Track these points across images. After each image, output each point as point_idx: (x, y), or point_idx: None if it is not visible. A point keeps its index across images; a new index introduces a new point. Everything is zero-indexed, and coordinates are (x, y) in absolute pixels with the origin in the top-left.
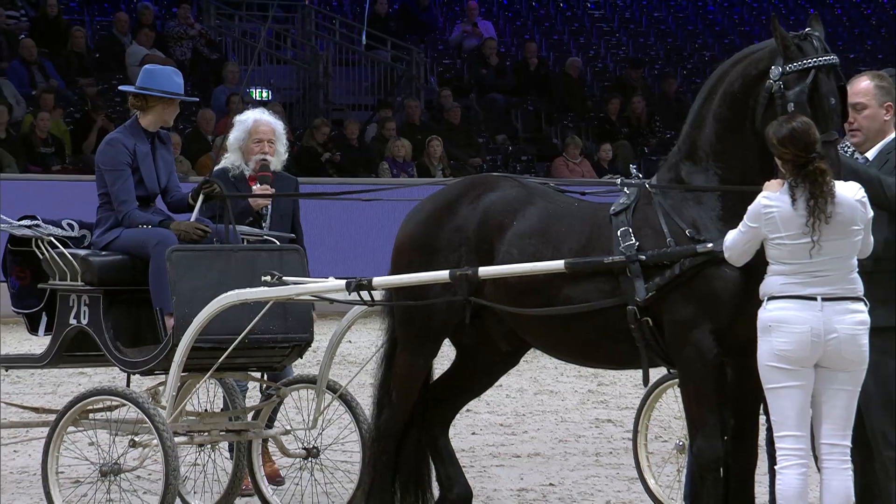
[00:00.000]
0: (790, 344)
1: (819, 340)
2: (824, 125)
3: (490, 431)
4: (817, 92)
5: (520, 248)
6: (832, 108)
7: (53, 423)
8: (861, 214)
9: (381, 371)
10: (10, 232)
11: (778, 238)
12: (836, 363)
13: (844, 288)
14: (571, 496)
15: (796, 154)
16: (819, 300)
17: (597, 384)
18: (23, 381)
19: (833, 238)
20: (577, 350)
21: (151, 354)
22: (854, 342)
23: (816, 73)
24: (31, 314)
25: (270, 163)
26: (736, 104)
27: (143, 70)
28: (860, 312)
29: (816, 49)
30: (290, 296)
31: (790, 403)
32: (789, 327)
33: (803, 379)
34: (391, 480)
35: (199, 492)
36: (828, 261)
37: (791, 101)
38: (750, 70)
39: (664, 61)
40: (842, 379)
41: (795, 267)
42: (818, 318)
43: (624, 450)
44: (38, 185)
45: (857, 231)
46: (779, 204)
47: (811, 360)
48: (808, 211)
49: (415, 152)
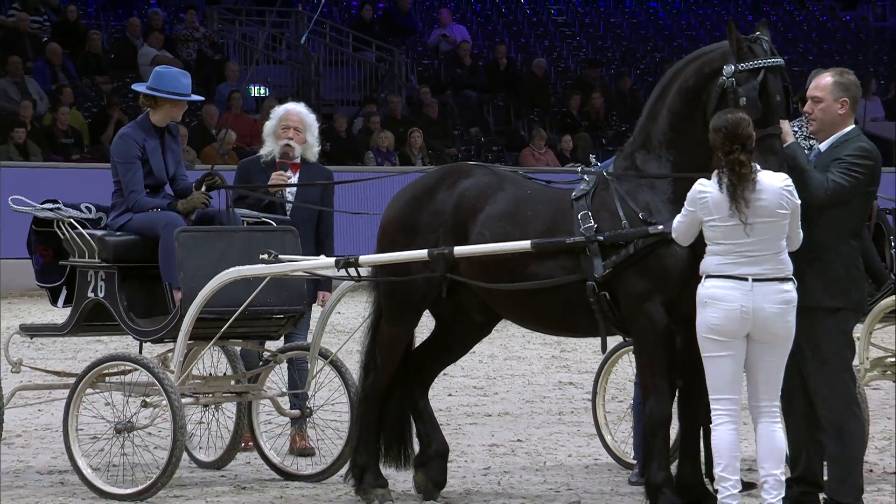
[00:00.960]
0: (722, 319)
1: (748, 317)
2: (771, 119)
3: (464, 393)
4: (766, 90)
5: (491, 229)
6: (778, 105)
7: (73, 385)
8: (787, 201)
9: (368, 339)
10: (34, 214)
11: (711, 220)
12: (765, 337)
13: (774, 269)
14: (537, 450)
15: (723, 143)
16: (750, 280)
17: (560, 351)
18: (46, 347)
19: (759, 221)
20: (542, 320)
21: (161, 324)
22: (781, 319)
23: (766, 73)
24: (53, 288)
25: (295, 149)
26: (689, 98)
27: (154, 72)
28: (788, 292)
29: (766, 51)
30: (284, 272)
31: (723, 370)
32: (722, 304)
33: (734, 349)
34: (376, 437)
35: (203, 447)
36: (757, 242)
37: (743, 97)
38: (704, 68)
39: (620, 62)
40: (770, 351)
41: (728, 247)
42: (748, 297)
43: (584, 409)
44: (59, 172)
45: (783, 216)
46: (710, 190)
47: (741, 333)
48: (730, 196)
49: (397, 143)
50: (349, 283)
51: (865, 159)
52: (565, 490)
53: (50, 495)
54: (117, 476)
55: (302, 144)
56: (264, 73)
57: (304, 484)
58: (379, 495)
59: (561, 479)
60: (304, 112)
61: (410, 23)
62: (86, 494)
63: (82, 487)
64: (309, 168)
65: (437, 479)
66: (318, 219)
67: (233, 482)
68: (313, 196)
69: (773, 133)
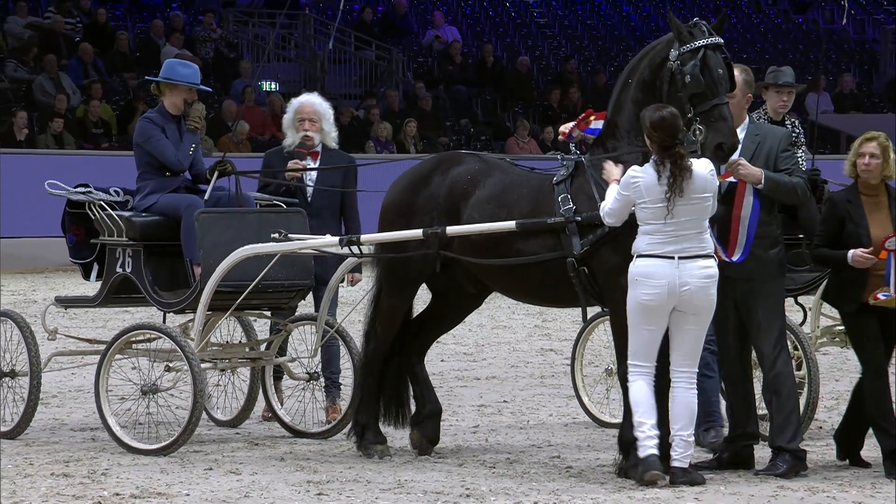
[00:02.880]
0: (650, 295)
1: (675, 292)
2: (715, 90)
3: (455, 359)
4: (707, 65)
5: (481, 211)
6: (720, 77)
7: (103, 351)
8: (710, 185)
9: (369, 310)
10: (67, 197)
11: (642, 203)
12: (689, 308)
13: (697, 247)
14: (521, 410)
15: (663, 138)
16: (676, 258)
17: (542, 320)
18: (78, 317)
19: (686, 204)
20: (527, 292)
21: (183, 296)
22: (703, 292)
23: (705, 51)
24: (85, 264)
25: (313, 139)
26: (647, 89)
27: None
28: (710, 268)
29: (704, 32)
30: (294, 249)
31: (645, 340)
32: (651, 281)
33: (658, 323)
34: (376, 399)
35: (221, 407)
36: (682, 223)
37: (687, 74)
38: (655, 59)
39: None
40: (692, 321)
41: (656, 227)
42: (674, 274)
43: (563, 373)
44: (90, 159)
45: (707, 198)
46: (644, 175)
47: (667, 307)
48: (669, 185)
49: (394, 133)
50: (353, 259)
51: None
52: (546, 446)
53: (82, 450)
54: (143, 433)
55: (318, 133)
56: (274, 70)
57: (311, 440)
58: (378, 451)
59: (542, 437)
60: (317, 102)
61: (406, 24)
62: (115, 449)
63: (111, 443)
64: (330, 154)
65: (431, 437)
66: (341, 203)
67: (247, 439)
68: (334, 181)
69: (719, 103)
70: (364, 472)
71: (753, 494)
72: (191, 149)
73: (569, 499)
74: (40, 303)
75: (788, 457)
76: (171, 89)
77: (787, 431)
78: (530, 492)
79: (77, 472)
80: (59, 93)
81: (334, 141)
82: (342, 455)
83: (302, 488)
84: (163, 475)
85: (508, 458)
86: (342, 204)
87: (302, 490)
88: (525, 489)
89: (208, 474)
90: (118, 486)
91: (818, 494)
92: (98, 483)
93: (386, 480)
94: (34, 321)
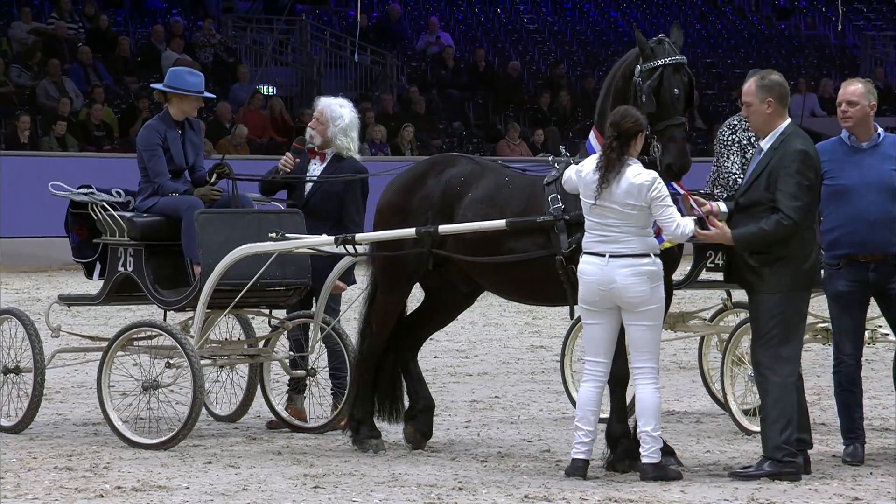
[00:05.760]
0: (585, 291)
1: (604, 289)
2: (667, 112)
3: (448, 355)
4: (662, 85)
5: (473, 211)
6: (675, 98)
7: (105, 348)
8: (637, 193)
9: (365, 308)
10: (71, 198)
11: (582, 199)
12: (624, 305)
13: (629, 247)
14: (512, 405)
15: (606, 133)
16: (606, 256)
17: (532, 318)
18: (81, 315)
19: (611, 206)
20: (517, 290)
21: (183, 295)
22: (630, 290)
23: (663, 70)
24: (88, 263)
25: (315, 137)
26: (619, 98)
27: (168, 71)
28: (642, 266)
29: (666, 50)
30: (290, 249)
31: (592, 336)
32: (585, 278)
33: (601, 319)
34: (371, 394)
35: (220, 403)
36: (612, 224)
37: (644, 93)
38: (626, 71)
39: (584, 64)
40: (633, 316)
41: (592, 225)
42: (603, 272)
43: (553, 369)
44: (92, 160)
45: (633, 206)
46: (584, 169)
47: (602, 304)
48: (600, 178)
49: (389, 136)
50: (348, 258)
51: (804, 164)
52: (536, 440)
53: (85, 444)
54: (144, 428)
55: (321, 134)
56: (272, 75)
57: (307, 435)
58: (373, 445)
59: (533, 431)
60: (329, 105)
61: (401, 30)
62: (116, 444)
63: (113, 437)
64: (339, 162)
65: (425, 431)
66: (340, 210)
67: (245, 433)
68: (335, 189)
69: (672, 124)
70: (359, 466)
71: (738, 487)
72: (191, 152)
73: (558, 491)
74: (44, 301)
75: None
76: (179, 98)
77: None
78: (521, 485)
79: (80, 465)
80: (62, 96)
81: (348, 150)
82: (338, 449)
83: (299, 481)
84: (163, 469)
85: (500, 452)
86: (341, 212)
87: (299, 483)
88: (516, 482)
89: (207, 468)
90: (120, 479)
91: (800, 487)
92: (100, 476)
93: (381, 474)
94: (38, 319)
